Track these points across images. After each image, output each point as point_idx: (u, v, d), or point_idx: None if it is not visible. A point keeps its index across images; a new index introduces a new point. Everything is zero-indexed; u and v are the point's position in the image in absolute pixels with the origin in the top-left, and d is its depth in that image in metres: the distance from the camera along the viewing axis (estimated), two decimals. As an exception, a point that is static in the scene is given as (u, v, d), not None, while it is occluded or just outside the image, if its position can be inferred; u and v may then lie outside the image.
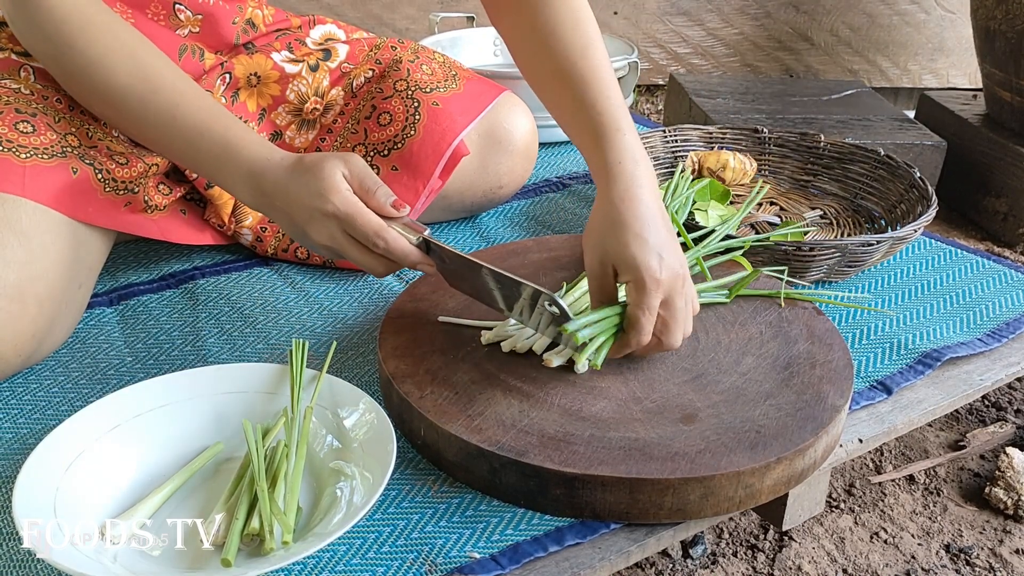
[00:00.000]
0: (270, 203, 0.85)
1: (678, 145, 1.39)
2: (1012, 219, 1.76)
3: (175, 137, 0.87)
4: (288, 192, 0.83)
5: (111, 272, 1.10)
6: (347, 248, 0.83)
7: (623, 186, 0.82)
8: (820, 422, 0.77)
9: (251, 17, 1.12)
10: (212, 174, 0.88)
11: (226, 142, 0.86)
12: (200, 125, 0.86)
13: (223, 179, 0.88)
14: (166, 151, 0.91)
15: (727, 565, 0.98)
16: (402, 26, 2.22)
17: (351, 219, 0.81)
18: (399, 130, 1.13)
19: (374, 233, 0.81)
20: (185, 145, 0.87)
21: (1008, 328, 1.04)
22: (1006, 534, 1.03)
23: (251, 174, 0.85)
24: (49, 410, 0.86)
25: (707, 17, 2.35)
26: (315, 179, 0.82)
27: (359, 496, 0.70)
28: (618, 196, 0.81)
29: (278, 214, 0.85)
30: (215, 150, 0.86)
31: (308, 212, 0.82)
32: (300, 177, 0.83)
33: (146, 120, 0.87)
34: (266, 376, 0.83)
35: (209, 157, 0.86)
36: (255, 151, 0.86)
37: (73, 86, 0.89)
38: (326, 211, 0.81)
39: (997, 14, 1.73)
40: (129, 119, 0.88)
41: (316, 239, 0.84)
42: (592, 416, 0.78)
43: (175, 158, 0.92)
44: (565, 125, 0.92)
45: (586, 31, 0.91)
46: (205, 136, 0.86)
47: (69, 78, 0.89)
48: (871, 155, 1.31)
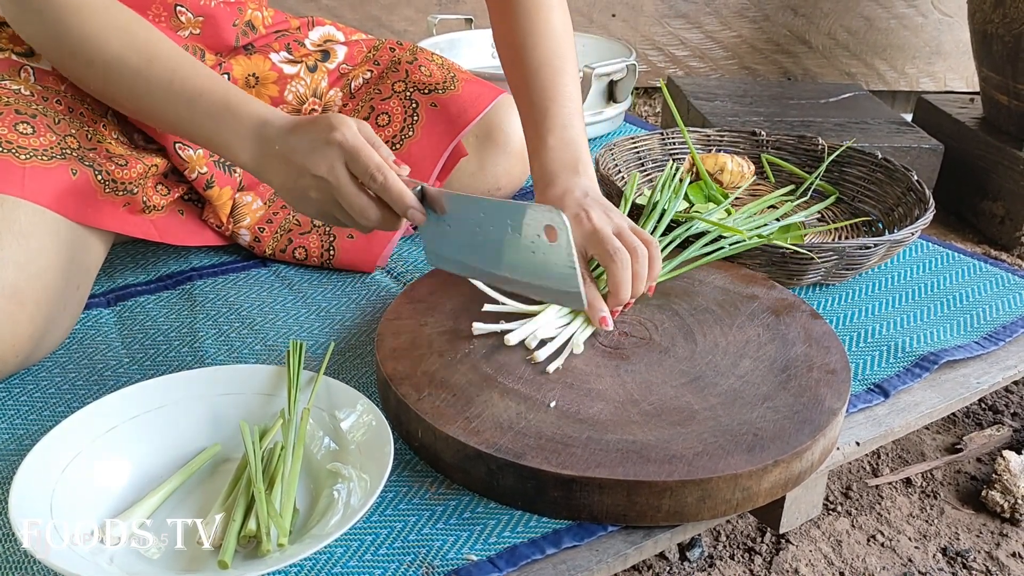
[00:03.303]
0: (268, 151, 0.83)
1: (675, 147, 1.39)
2: (1009, 222, 1.77)
3: (172, 102, 0.85)
4: (295, 130, 0.82)
5: (108, 273, 1.10)
6: (343, 186, 0.81)
7: (560, 188, 0.92)
8: (817, 425, 0.78)
9: (251, 19, 1.12)
10: (210, 135, 0.86)
11: (226, 102, 0.85)
12: (199, 87, 0.85)
13: (222, 137, 0.85)
14: (161, 119, 0.88)
15: (724, 568, 0.98)
16: (400, 28, 2.22)
17: (355, 151, 0.80)
18: (397, 131, 1.13)
19: (376, 167, 0.80)
20: (183, 107, 0.85)
21: (1005, 331, 1.04)
22: (1003, 537, 1.03)
23: (254, 126, 0.84)
24: (46, 411, 0.86)
25: (705, 20, 2.35)
26: (325, 117, 0.82)
27: (356, 498, 0.70)
28: (556, 196, 0.92)
29: (275, 164, 0.83)
30: (214, 109, 0.85)
31: (311, 145, 0.81)
32: (309, 120, 0.83)
33: (143, 89, 0.86)
34: (263, 378, 0.83)
35: (207, 117, 0.85)
36: (257, 107, 0.85)
37: (69, 64, 0.88)
38: (332, 139, 0.80)
39: (994, 18, 1.74)
40: (125, 90, 0.87)
41: (314, 175, 0.81)
42: (590, 418, 0.78)
43: (171, 126, 0.89)
44: (524, 128, 1.01)
45: (558, 45, 1.00)
46: (204, 96, 0.85)
47: (66, 58, 0.87)
48: (868, 158, 1.31)
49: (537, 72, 0.99)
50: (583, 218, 0.88)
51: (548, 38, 1.00)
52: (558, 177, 0.94)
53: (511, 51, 1.02)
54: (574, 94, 0.99)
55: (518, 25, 1.01)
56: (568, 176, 0.93)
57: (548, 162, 0.95)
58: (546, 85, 0.98)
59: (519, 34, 1.01)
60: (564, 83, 0.99)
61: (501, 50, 1.05)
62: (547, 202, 0.92)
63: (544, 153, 0.96)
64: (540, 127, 0.97)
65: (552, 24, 1.01)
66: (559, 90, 0.98)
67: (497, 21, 1.05)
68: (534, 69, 0.99)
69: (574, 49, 1.03)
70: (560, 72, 0.99)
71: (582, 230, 0.87)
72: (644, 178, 1.35)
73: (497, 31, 1.05)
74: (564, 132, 0.96)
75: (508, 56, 1.03)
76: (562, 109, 0.97)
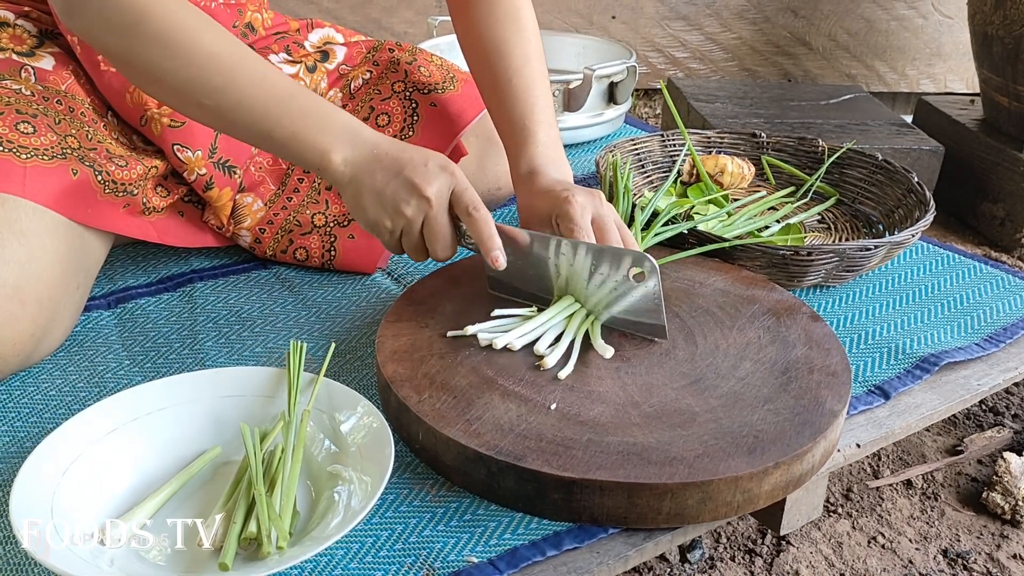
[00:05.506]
0: (366, 155, 0.86)
1: (676, 149, 1.39)
2: (1009, 224, 1.77)
3: (263, 99, 0.85)
4: (405, 148, 0.87)
5: (109, 275, 1.10)
6: (442, 211, 0.86)
7: (536, 186, 0.97)
8: (818, 427, 0.77)
9: (251, 21, 1.12)
10: (301, 133, 0.86)
11: (320, 103, 0.87)
12: (291, 87, 0.87)
13: (315, 137, 0.86)
14: (246, 117, 0.86)
15: (725, 570, 0.98)
16: (400, 30, 2.22)
17: (467, 185, 0.86)
18: (397, 131, 1.13)
19: (478, 204, 0.86)
20: (274, 105, 0.85)
21: (1005, 333, 1.04)
22: (1003, 539, 1.03)
23: (351, 129, 0.87)
24: (46, 413, 0.86)
25: (706, 22, 2.35)
26: (437, 154, 0.88)
27: (357, 500, 0.70)
28: (530, 193, 0.97)
29: (373, 170, 0.86)
30: (309, 109, 0.86)
31: (423, 165, 0.85)
32: (418, 147, 0.88)
33: (235, 84, 0.85)
34: (264, 379, 0.83)
35: (301, 115, 0.86)
36: (348, 115, 0.88)
37: (145, 58, 0.83)
38: (449, 168, 0.86)
39: (995, 19, 1.74)
40: (214, 84, 0.84)
41: (422, 193, 0.85)
42: (590, 420, 0.78)
43: (253, 123, 0.86)
44: (496, 126, 1.06)
45: (526, 48, 1.04)
46: (298, 97, 0.86)
47: (144, 49, 0.83)
48: (869, 160, 1.31)
49: (519, 71, 1.03)
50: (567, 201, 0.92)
51: (522, 37, 1.05)
52: (548, 168, 0.98)
53: (484, 48, 1.05)
54: (549, 95, 1.05)
55: (494, 23, 1.05)
56: (560, 166, 1.00)
57: (537, 155, 0.99)
58: (529, 84, 1.03)
59: (496, 31, 1.05)
60: (544, 84, 1.04)
61: (472, 46, 1.08)
62: (537, 191, 0.97)
63: (533, 147, 1.00)
64: (527, 120, 1.01)
65: (523, 22, 1.06)
66: (541, 89, 1.03)
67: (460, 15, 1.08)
68: (516, 68, 1.03)
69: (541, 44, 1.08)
70: (539, 73, 1.04)
71: (566, 220, 0.91)
72: (645, 180, 1.35)
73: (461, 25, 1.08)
74: (551, 130, 1.02)
75: (482, 54, 1.06)
76: (547, 108, 1.03)
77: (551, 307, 0.90)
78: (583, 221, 0.90)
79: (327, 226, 1.11)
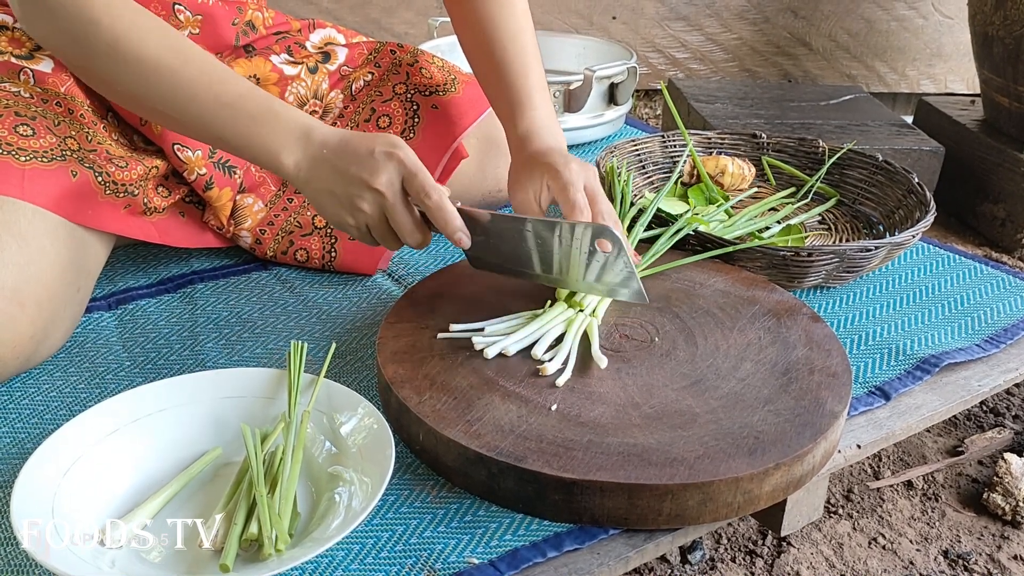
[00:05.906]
0: (316, 156, 0.85)
1: (676, 150, 1.39)
2: (1010, 224, 1.77)
3: (211, 103, 0.84)
4: (348, 141, 0.85)
5: (109, 276, 1.10)
6: (398, 201, 0.84)
7: (534, 148, 0.98)
8: (818, 428, 0.77)
9: (251, 19, 1.12)
10: (251, 137, 0.85)
11: (269, 105, 0.86)
12: (240, 90, 0.85)
13: (265, 140, 0.85)
14: (196, 121, 0.86)
15: (725, 571, 0.98)
16: (401, 31, 2.22)
17: (416, 169, 0.83)
18: (398, 132, 1.13)
19: (431, 186, 0.84)
20: (223, 109, 0.85)
21: (1006, 334, 1.04)
22: (1004, 540, 1.03)
23: (300, 130, 0.85)
24: (47, 415, 0.86)
25: (706, 22, 2.35)
26: (384, 135, 0.86)
27: (357, 501, 0.70)
28: (528, 156, 0.98)
29: (323, 170, 0.84)
30: (257, 112, 0.85)
31: (369, 156, 0.83)
32: (366, 134, 0.86)
33: (181, 90, 0.84)
34: (265, 381, 0.83)
35: (250, 119, 0.85)
36: (300, 114, 0.87)
37: (97, 66, 0.84)
38: (394, 154, 0.83)
39: (995, 20, 1.74)
40: (162, 91, 0.84)
41: (371, 186, 0.83)
42: (591, 422, 0.78)
43: (204, 128, 0.87)
44: (492, 99, 1.07)
45: (518, 22, 1.06)
46: (246, 99, 0.85)
47: (94, 58, 0.84)
48: (869, 160, 1.31)
49: (514, 38, 1.05)
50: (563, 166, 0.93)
51: (513, 11, 1.07)
52: (543, 132, 1.00)
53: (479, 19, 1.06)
54: (541, 66, 1.07)
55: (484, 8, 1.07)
56: (555, 132, 1.01)
57: (535, 119, 1.01)
58: (522, 51, 1.05)
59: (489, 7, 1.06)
60: (536, 54, 1.06)
61: (463, 19, 1.08)
62: (533, 153, 0.98)
63: (531, 111, 1.01)
64: (523, 83, 1.03)
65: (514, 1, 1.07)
66: (534, 58, 1.05)
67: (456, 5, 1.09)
68: (510, 36, 1.05)
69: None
70: (532, 45, 1.06)
71: (559, 181, 0.92)
72: (645, 181, 1.35)
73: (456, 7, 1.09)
74: (545, 94, 1.04)
75: (475, 26, 1.07)
76: (541, 76, 1.05)
77: (547, 312, 0.90)
78: (578, 183, 0.91)
79: (328, 227, 1.11)
